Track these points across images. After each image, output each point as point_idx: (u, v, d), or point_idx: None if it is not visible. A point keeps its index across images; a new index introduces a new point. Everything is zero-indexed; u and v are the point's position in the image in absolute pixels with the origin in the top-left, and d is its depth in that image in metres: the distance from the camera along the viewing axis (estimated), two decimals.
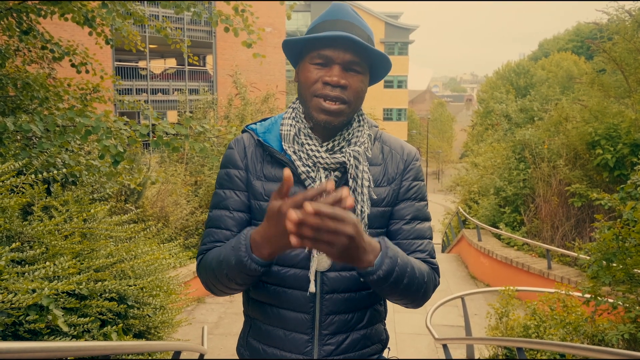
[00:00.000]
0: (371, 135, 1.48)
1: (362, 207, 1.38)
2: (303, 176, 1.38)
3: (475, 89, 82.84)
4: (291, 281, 1.39)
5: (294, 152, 1.40)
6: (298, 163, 1.39)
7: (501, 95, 25.66)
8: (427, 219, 1.49)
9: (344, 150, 1.41)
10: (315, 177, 1.38)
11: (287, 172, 1.04)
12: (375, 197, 1.41)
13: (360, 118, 1.48)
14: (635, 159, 7.47)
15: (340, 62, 1.34)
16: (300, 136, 1.41)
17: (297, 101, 1.48)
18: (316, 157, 1.38)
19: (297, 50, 1.44)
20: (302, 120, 1.43)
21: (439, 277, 1.46)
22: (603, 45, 9.96)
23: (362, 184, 1.38)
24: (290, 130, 1.42)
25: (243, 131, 1.52)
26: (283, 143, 1.42)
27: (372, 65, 1.42)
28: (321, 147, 1.40)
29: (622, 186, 3.92)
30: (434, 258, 1.46)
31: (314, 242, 1.01)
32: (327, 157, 1.38)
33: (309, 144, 1.40)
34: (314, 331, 1.40)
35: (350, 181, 1.39)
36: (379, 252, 1.18)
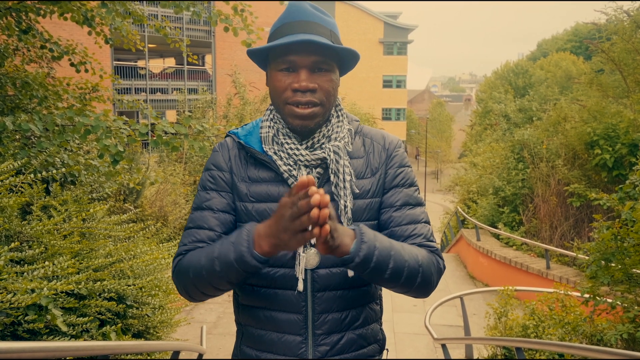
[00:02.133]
0: (352, 130, 1.47)
1: (345, 201, 1.37)
2: (285, 175, 1.39)
3: (474, 88, 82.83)
4: (281, 281, 1.38)
5: (275, 153, 1.40)
6: (279, 163, 1.39)
7: (500, 95, 25.68)
8: (419, 203, 1.47)
9: (324, 146, 1.41)
10: (297, 175, 1.38)
11: (304, 179, 1.08)
12: (357, 191, 1.41)
13: (339, 113, 1.48)
14: (634, 159, 7.48)
15: (306, 65, 1.33)
16: (279, 136, 1.42)
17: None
18: (296, 155, 1.39)
19: (262, 56, 1.44)
20: (279, 121, 1.44)
21: (442, 260, 1.42)
22: (601, 46, 9.98)
23: (343, 178, 1.38)
24: (268, 132, 1.43)
25: (226, 136, 1.53)
26: (263, 145, 1.42)
27: (339, 58, 1.41)
28: (301, 145, 1.40)
29: (620, 186, 3.93)
30: (432, 241, 1.43)
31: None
32: (307, 154, 1.39)
33: (288, 143, 1.40)
34: (307, 332, 1.38)
35: (332, 176, 1.38)
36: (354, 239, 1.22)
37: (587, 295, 3.91)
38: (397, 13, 50.74)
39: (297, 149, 1.39)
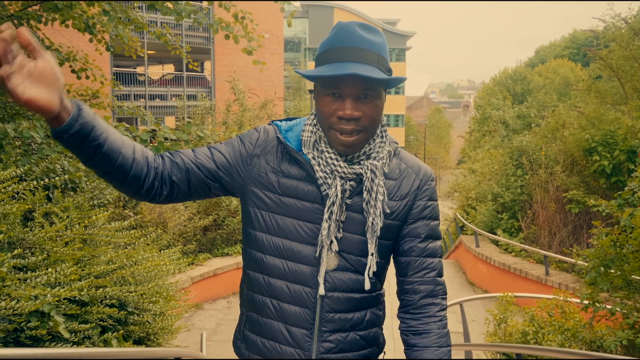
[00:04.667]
0: (391, 151, 1.50)
1: (374, 219, 1.41)
2: (320, 181, 1.41)
3: (473, 95, 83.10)
4: (295, 277, 1.43)
5: (313, 158, 1.44)
6: (317, 168, 1.42)
7: (498, 102, 25.70)
8: (439, 237, 1.54)
9: (362, 162, 1.44)
10: (332, 184, 1.41)
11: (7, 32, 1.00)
12: (388, 210, 1.44)
13: (383, 134, 1.50)
14: (632, 165, 7.51)
15: (352, 94, 1.35)
16: (321, 144, 1.45)
17: None
18: (334, 166, 1.42)
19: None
20: (322, 129, 1.46)
21: (445, 294, 1.52)
22: (599, 53, 10.02)
23: (376, 197, 1.41)
24: (310, 137, 1.46)
25: (269, 123, 1.56)
26: (303, 147, 1.46)
27: (386, 82, 1.41)
28: (340, 156, 1.43)
29: (619, 193, 3.95)
30: (442, 276, 1.52)
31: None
32: (345, 167, 1.42)
33: (328, 152, 1.43)
34: (314, 327, 1.44)
35: (365, 193, 1.42)
36: None
37: (586, 302, 3.92)
38: (396, 20, 50.97)
39: (337, 160, 1.42)
